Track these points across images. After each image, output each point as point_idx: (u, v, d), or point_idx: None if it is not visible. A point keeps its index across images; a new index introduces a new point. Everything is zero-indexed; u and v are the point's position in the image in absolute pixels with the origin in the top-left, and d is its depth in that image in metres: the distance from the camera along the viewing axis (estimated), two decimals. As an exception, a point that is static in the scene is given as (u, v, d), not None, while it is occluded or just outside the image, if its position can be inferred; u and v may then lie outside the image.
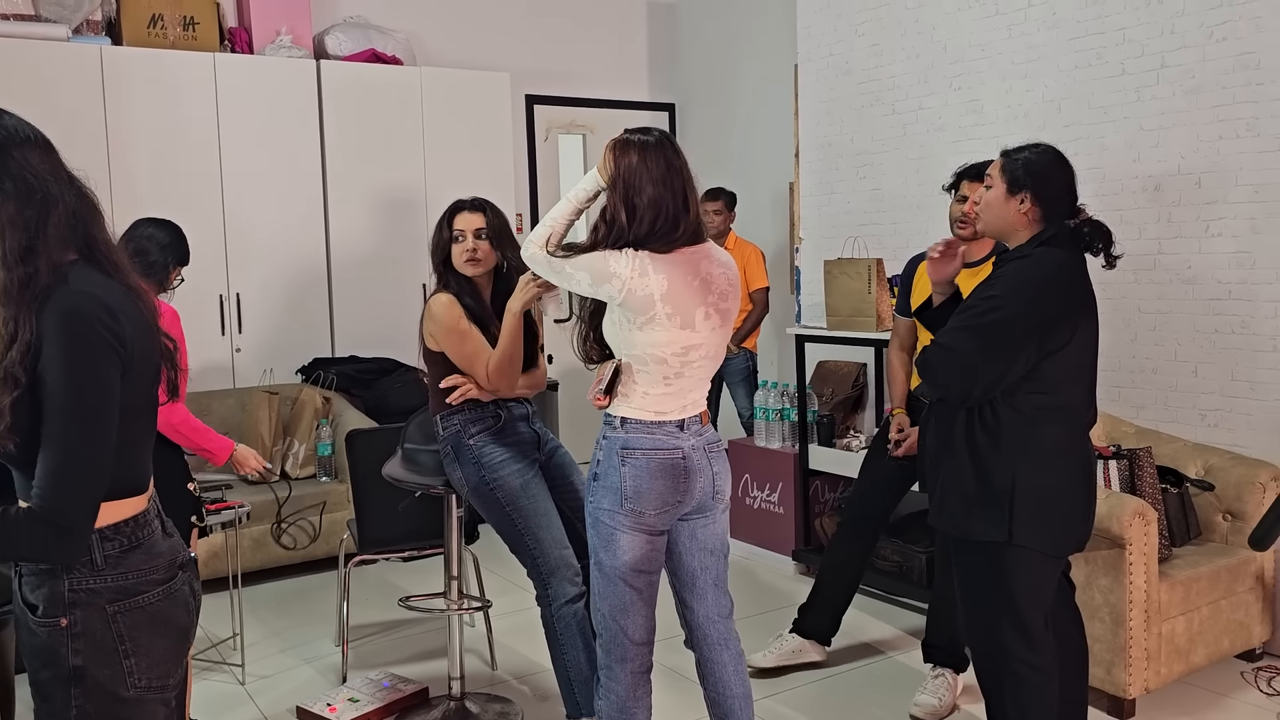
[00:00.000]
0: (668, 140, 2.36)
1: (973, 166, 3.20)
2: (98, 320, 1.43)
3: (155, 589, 1.53)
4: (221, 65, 5.03)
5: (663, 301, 2.24)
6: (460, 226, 2.93)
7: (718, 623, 2.48)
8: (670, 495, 2.32)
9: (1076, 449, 2.40)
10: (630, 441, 2.30)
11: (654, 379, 2.30)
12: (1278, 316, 3.44)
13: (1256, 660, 3.44)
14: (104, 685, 1.49)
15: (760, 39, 6.16)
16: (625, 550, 2.32)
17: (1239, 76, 3.48)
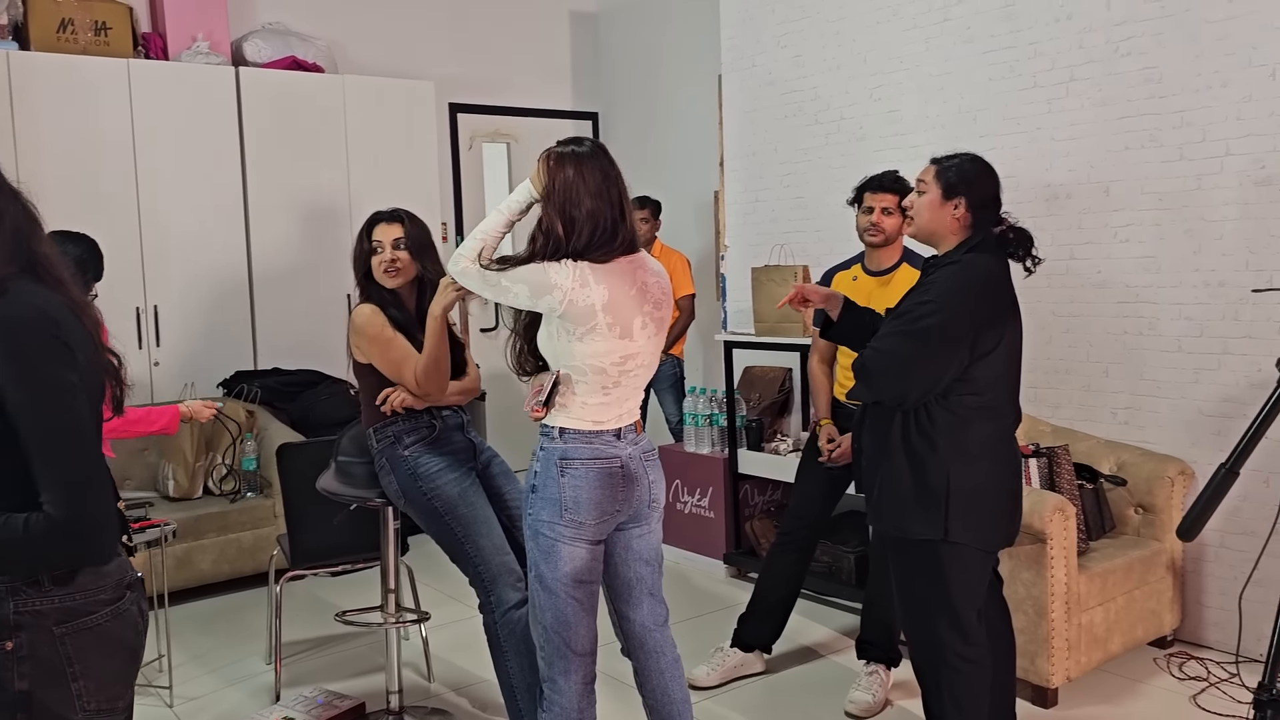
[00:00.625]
0: (602, 150, 2.39)
1: (873, 178, 3.32)
2: (41, 328, 1.41)
3: (104, 609, 1.49)
4: (136, 71, 4.90)
5: (604, 311, 2.26)
6: (379, 237, 2.92)
7: (654, 631, 2.50)
8: (609, 504, 2.33)
9: (1005, 448, 2.50)
10: (569, 452, 2.32)
11: (592, 389, 2.32)
12: (1182, 319, 3.62)
13: (1168, 647, 3.61)
14: (52, 709, 1.45)
15: (683, 49, 6.23)
16: (566, 561, 2.33)
17: (1143, 90, 3.66)
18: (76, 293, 1.52)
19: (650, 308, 2.36)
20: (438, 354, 2.79)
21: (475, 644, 3.53)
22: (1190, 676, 3.39)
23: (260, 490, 4.65)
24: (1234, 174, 3.45)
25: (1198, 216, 3.55)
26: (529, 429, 6.77)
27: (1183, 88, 3.55)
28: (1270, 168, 3.37)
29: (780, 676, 3.54)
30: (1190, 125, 3.54)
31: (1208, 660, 3.48)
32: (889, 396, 2.46)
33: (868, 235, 3.33)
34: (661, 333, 2.42)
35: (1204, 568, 3.62)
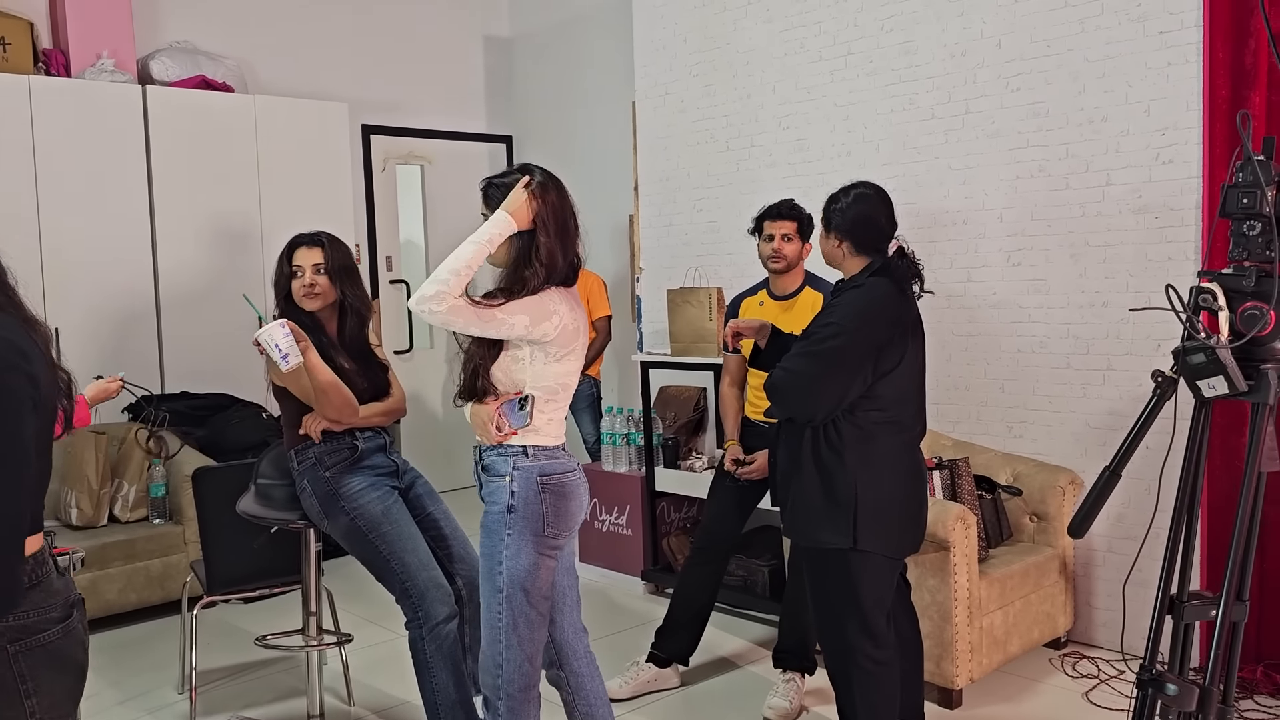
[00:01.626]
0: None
1: (771, 208, 3.49)
2: (14, 368, 1.41)
3: (54, 627, 1.51)
4: (37, 88, 4.78)
5: (581, 333, 2.42)
6: (299, 262, 2.94)
7: (582, 636, 2.61)
8: (580, 515, 2.45)
9: (909, 460, 2.65)
10: (546, 468, 2.38)
11: (559, 406, 2.44)
12: (1070, 336, 3.85)
13: (1062, 648, 3.81)
14: (24, 705, 1.48)
15: (598, 76, 6.35)
16: (545, 578, 2.39)
17: (1031, 123, 3.89)
18: (27, 310, 1.50)
19: (583, 325, 2.48)
20: (324, 386, 2.81)
21: (396, 666, 3.54)
22: (1082, 675, 3.59)
23: (169, 517, 4.55)
24: (1114, 202, 3.70)
25: (1083, 242, 3.80)
26: (442, 448, 6.73)
27: (1067, 121, 3.80)
28: (1146, 196, 3.62)
29: (698, 687, 3.63)
30: (1074, 157, 3.79)
31: (1098, 659, 3.69)
32: (798, 414, 2.59)
33: (771, 263, 3.48)
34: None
35: (1093, 571, 3.84)
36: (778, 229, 3.45)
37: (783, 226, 3.45)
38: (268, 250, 5.37)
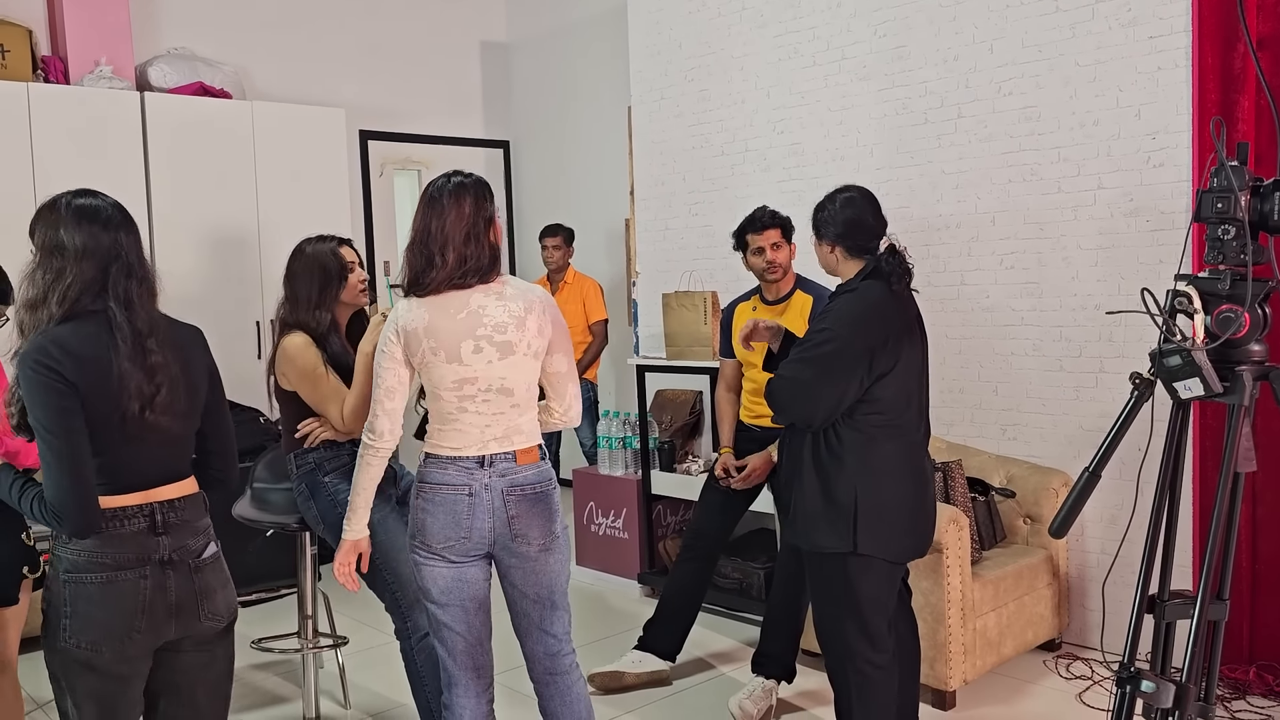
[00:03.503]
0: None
1: (751, 220, 3.52)
2: (41, 363, 1.82)
3: (100, 572, 1.86)
4: (36, 95, 4.81)
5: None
6: (349, 258, 2.97)
7: (543, 661, 2.49)
8: (452, 531, 2.35)
9: (911, 463, 2.65)
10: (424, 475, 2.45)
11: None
12: (1063, 340, 3.87)
13: (1056, 650, 3.82)
14: (54, 640, 1.88)
15: (594, 80, 6.37)
16: (427, 579, 2.40)
17: (1024, 127, 3.92)
18: (123, 338, 1.91)
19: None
20: (366, 393, 2.82)
21: (391, 669, 3.54)
22: (1076, 676, 3.61)
23: (167, 521, 4.56)
24: (1105, 205, 3.72)
25: (1075, 245, 3.81)
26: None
27: (1059, 125, 3.82)
28: (1138, 200, 3.64)
29: (689, 687, 3.64)
30: (1066, 160, 3.81)
31: (1092, 660, 3.70)
32: (796, 419, 2.61)
33: (768, 274, 3.51)
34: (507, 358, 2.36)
35: (1087, 573, 3.86)
36: (765, 240, 3.47)
37: (769, 236, 3.47)
38: (265, 256, 5.40)
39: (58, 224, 1.91)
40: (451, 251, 2.30)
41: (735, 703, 3.35)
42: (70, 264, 1.87)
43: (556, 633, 2.48)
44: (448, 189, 2.36)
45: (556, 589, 2.46)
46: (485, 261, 2.35)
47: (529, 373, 2.38)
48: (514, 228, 7.13)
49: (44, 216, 1.94)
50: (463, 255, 2.31)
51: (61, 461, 1.80)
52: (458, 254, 2.31)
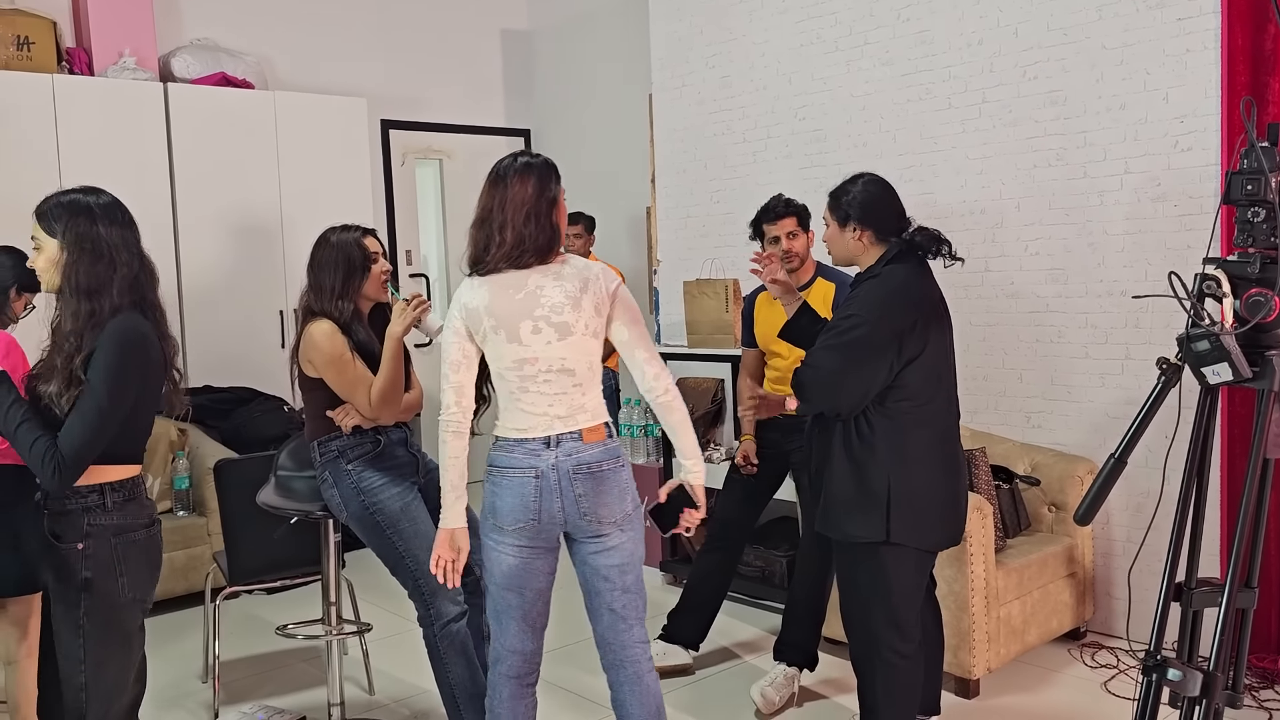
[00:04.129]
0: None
1: (766, 210, 3.48)
2: (135, 347, 2.12)
3: (142, 529, 2.20)
4: (60, 87, 4.85)
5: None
6: (374, 249, 2.97)
7: (613, 646, 2.47)
8: (523, 513, 2.35)
9: (943, 450, 2.63)
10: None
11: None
12: (1088, 326, 3.83)
13: (1081, 638, 3.80)
14: (107, 593, 2.15)
15: (614, 68, 6.35)
16: (494, 564, 2.41)
17: (1049, 111, 3.87)
18: (164, 327, 2.24)
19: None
20: (395, 377, 2.84)
21: (415, 656, 3.56)
22: (1101, 665, 3.58)
23: (192, 508, 4.61)
24: (1132, 190, 3.68)
25: (1100, 230, 3.77)
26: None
27: (1085, 109, 3.77)
28: (1165, 184, 3.60)
29: (712, 675, 3.64)
30: (1092, 145, 3.76)
31: (1117, 649, 3.67)
32: (825, 407, 2.58)
33: (786, 264, 3.46)
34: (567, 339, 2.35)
35: (1112, 561, 3.83)
36: (780, 229, 3.44)
37: (785, 225, 3.44)
38: (288, 246, 5.43)
39: (92, 221, 2.16)
40: (510, 231, 2.32)
41: (757, 690, 3.35)
42: (119, 257, 2.16)
43: (628, 617, 2.44)
44: (513, 169, 2.38)
45: (629, 570, 2.43)
46: (543, 242, 2.35)
47: (589, 352, 2.37)
48: (535, 216, 7.13)
49: (71, 213, 2.16)
50: (521, 235, 2.32)
51: (104, 429, 2.06)
52: (516, 233, 2.32)
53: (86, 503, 2.13)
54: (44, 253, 2.18)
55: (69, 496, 2.13)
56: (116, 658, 2.19)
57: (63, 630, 2.17)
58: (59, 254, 2.15)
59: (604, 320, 2.38)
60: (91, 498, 2.14)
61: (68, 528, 2.13)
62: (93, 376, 2.07)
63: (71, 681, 2.16)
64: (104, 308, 2.12)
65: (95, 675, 2.16)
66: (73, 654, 2.15)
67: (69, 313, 2.12)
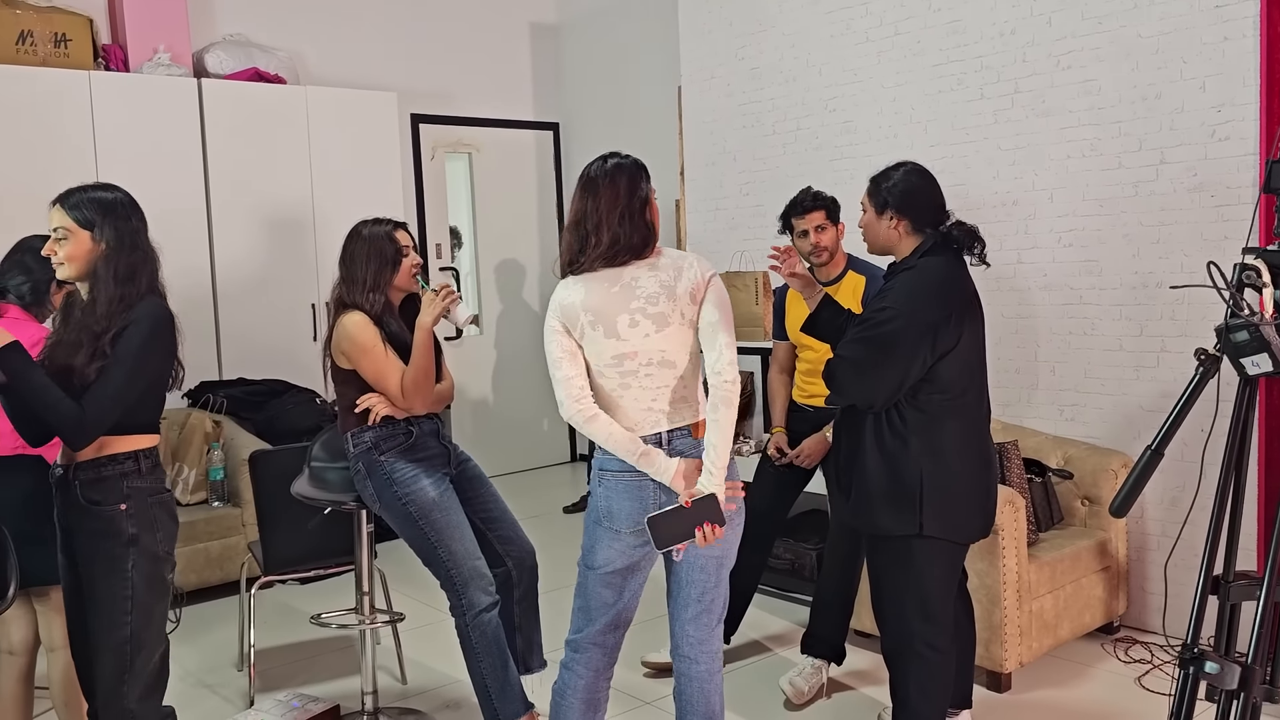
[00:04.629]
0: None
1: (794, 203, 3.45)
2: (165, 324, 2.34)
3: (165, 493, 2.41)
4: (97, 84, 4.91)
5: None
6: (405, 242, 3.00)
7: (692, 640, 2.46)
8: (640, 515, 2.31)
9: (975, 443, 2.61)
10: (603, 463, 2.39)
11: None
12: (1123, 319, 3.79)
13: (1114, 633, 3.77)
14: (149, 547, 2.34)
15: (643, 61, 6.35)
16: (601, 556, 2.39)
17: (1082, 101, 3.83)
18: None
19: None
20: (427, 366, 2.87)
21: (446, 646, 3.60)
22: (1135, 660, 3.55)
23: (227, 499, 4.67)
24: (1168, 180, 3.63)
25: (1135, 222, 3.73)
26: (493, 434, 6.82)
27: (1120, 99, 3.73)
28: (1201, 175, 3.55)
29: (741, 667, 3.65)
30: (1127, 135, 3.72)
31: (1151, 644, 3.64)
32: (857, 400, 2.57)
33: (813, 258, 3.45)
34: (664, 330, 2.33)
35: (1147, 556, 3.79)
36: (808, 223, 3.42)
37: (813, 219, 3.41)
38: (320, 239, 5.48)
39: (128, 217, 2.36)
40: (606, 231, 2.31)
41: (786, 680, 3.35)
42: (147, 249, 2.38)
43: (714, 611, 2.45)
44: (604, 171, 2.36)
45: (725, 564, 2.43)
46: (638, 240, 2.34)
47: (689, 342, 2.34)
48: (564, 210, 7.15)
49: (107, 210, 2.34)
50: (616, 235, 2.31)
51: (126, 395, 2.25)
52: (612, 233, 2.31)
53: (123, 468, 2.31)
54: (72, 243, 2.31)
55: (106, 463, 2.30)
56: (159, 606, 2.38)
57: (106, 588, 2.30)
58: (91, 245, 2.32)
59: (698, 307, 2.33)
60: (128, 464, 2.32)
61: (107, 492, 2.29)
62: (121, 349, 2.25)
63: (112, 639, 2.31)
64: (134, 293, 2.32)
65: (143, 623, 2.32)
66: (118, 609, 2.30)
67: (105, 297, 2.29)
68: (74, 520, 2.34)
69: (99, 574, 2.31)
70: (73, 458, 2.33)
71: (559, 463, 7.24)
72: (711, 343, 2.33)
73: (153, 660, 2.38)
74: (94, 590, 2.32)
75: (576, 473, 6.92)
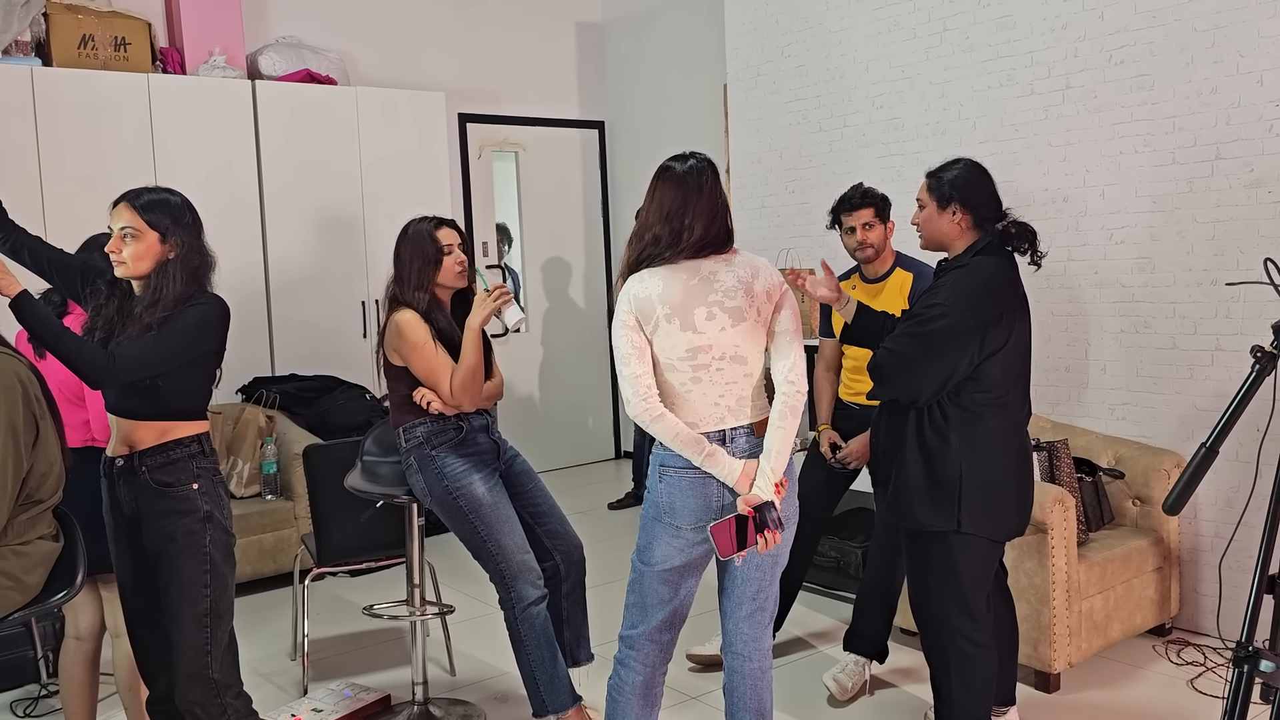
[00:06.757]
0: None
1: (844, 199, 3.44)
2: (223, 317, 2.47)
3: (219, 474, 2.52)
4: (155, 86, 5.03)
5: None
6: (447, 241, 3.02)
7: (746, 637, 2.48)
8: (704, 512, 2.32)
9: (1015, 442, 2.61)
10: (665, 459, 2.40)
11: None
12: (1176, 316, 3.74)
13: (1166, 635, 3.72)
14: (221, 522, 2.46)
15: (689, 58, 6.36)
16: (659, 554, 2.38)
17: (1135, 97, 3.78)
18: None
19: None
20: (475, 365, 2.91)
21: (495, 638, 3.65)
22: (1187, 662, 3.50)
23: (280, 493, 4.77)
24: (1224, 177, 3.58)
25: (1190, 218, 3.68)
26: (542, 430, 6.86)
27: (1174, 94, 3.68)
28: (1259, 170, 3.49)
29: (787, 663, 3.65)
30: (1182, 130, 3.67)
31: (1205, 646, 3.59)
32: (902, 395, 2.58)
33: (859, 254, 3.45)
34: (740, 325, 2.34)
35: (1200, 557, 3.74)
36: (856, 220, 3.42)
37: (861, 216, 3.41)
38: (370, 237, 5.56)
39: (194, 220, 2.50)
40: (700, 224, 2.32)
41: (830, 676, 3.36)
42: (205, 251, 2.51)
43: (766, 609, 2.47)
44: (693, 168, 2.36)
45: (780, 563, 2.45)
46: (723, 237, 2.37)
47: (761, 339, 2.35)
48: (609, 208, 7.19)
49: (177, 213, 2.45)
50: (709, 228, 2.33)
51: (159, 360, 2.34)
52: (704, 226, 2.32)
53: (190, 450, 2.44)
54: (142, 242, 2.39)
55: (173, 448, 2.42)
56: (231, 576, 2.51)
57: (187, 564, 2.40)
58: (160, 247, 2.41)
59: (773, 308, 2.35)
60: (193, 446, 2.46)
61: (179, 473, 2.41)
62: (177, 324, 2.36)
63: (195, 611, 2.41)
64: (196, 290, 2.45)
65: (220, 594, 2.45)
66: (198, 583, 2.41)
67: (170, 296, 2.39)
68: (145, 504, 2.42)
69: (178, 551, 2.39)
70: (135, 446, 2.42)
71: (604, 459, 7.28)
72: (786, 351, 2.36)
73: (228, 631, 2.51)
74: (174, 567, 2.40)
75: (621, 469, 6.96)
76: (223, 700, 2.46)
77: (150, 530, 2.43)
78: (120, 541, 2.51)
